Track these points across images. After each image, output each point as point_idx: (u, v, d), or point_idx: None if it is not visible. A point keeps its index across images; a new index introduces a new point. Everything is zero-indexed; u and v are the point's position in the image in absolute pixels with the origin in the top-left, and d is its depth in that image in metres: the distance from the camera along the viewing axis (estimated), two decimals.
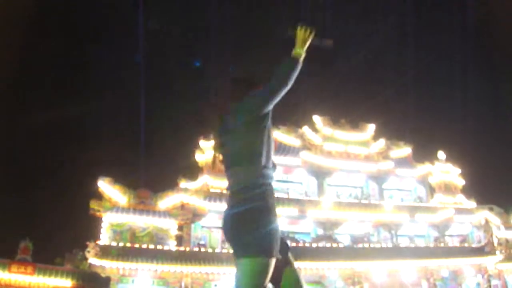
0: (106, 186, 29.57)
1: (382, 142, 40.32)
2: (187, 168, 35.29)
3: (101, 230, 28.79)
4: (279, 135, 36.63)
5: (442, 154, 43.55)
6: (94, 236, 28.29)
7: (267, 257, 3.17)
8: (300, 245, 29.56)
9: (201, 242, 30.83)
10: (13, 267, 23.96)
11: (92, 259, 26.33)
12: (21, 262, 24.44)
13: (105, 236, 28.55)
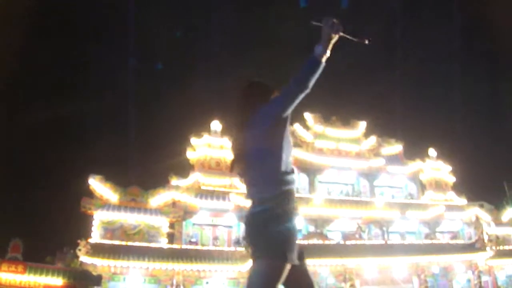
0: (97, 184, 29.51)
1: (373, 140, 40.37)
2: (178, 166, 35.29)
3: (92, 228, 28.70)
4: None
5: (433, 152, 43.67)
6: (85, 234, 28.19)
7: (281, 260, 3.13)
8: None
9: (192, 240, 30.80)
10: (3, 266, 23.75)
11: (83, 257, 26.22)
12: (11, 261, 24.23)
13: (96, 234, 28.48)
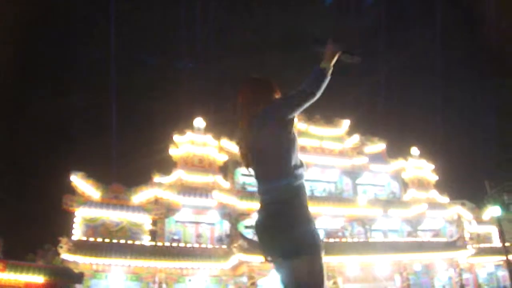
0: (79, 181, 29.24)
1: (356, 138, 40.45)
2: (161, 163, 35.15)
3: (74, 225, 28.43)
4: None
5: (415, 150, 43.93)
6: (67, 231, 27.94)
7: (320, 253, 3.17)
8: None
9: (175, 237, 30.68)
10: None
11: (64, 255, 25.94)
12: None
13: (78, 231, 28.24)
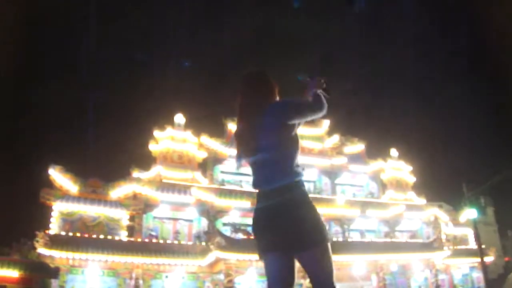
0: (57, 175, 29.02)
1: (336, 138, 40.57)
2: (140, 158, 35.01)
3: (51, 219, 28.22)
4: (233, 127, 36.52)
5: (394, 152, 44.22)
6: (43, 225, 27.69)
7: (328, 244, 3.22)
8: (252, 237, 29.52)
9: (152, 233, 30.57)
10: None
11: (41, 249, 25.67)
12: None
13: (55, 225, 28.01)
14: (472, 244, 41.09)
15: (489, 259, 40.23)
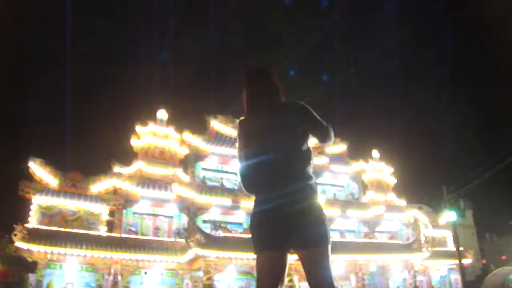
0: (36, 168, 28.74)
1: None
2: (122, 153, 34.83)
3: (29, 212, 27.97)
4: (215, 124, 36.48)
5: (376, 153, 44.40)
6: (22, 218, 27.40)
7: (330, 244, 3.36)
8: (232, 235, 29.49)
9: (132, 229, 30.44)
10: None
11: (18, 243, 25.39)
12: None
13: (33, 219, 27.75)
14: (451, 246, 41.49)
15: (467, 261, 40.71)
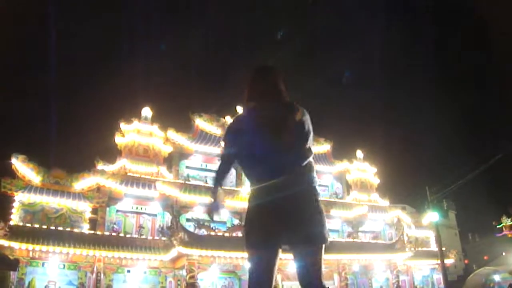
0: (19, 164, 28.51)
1: None
2: (105, 151, 34.65)
3: (12, 210, 27.76)
4: (200, 123, 36.40)
5: (360, 153, 44.59)
6: (3, 216, 27.19)
7: (326, 243, 3.30)
8: (216, 234, 29.44)
9: (115, 227, 30.29)
10: None
11: (0, 240, 25.25)
12: None
13: (15, 216, 27.53)
14: (433, 246, 41.75)
15: (449, 261, 41.09)
